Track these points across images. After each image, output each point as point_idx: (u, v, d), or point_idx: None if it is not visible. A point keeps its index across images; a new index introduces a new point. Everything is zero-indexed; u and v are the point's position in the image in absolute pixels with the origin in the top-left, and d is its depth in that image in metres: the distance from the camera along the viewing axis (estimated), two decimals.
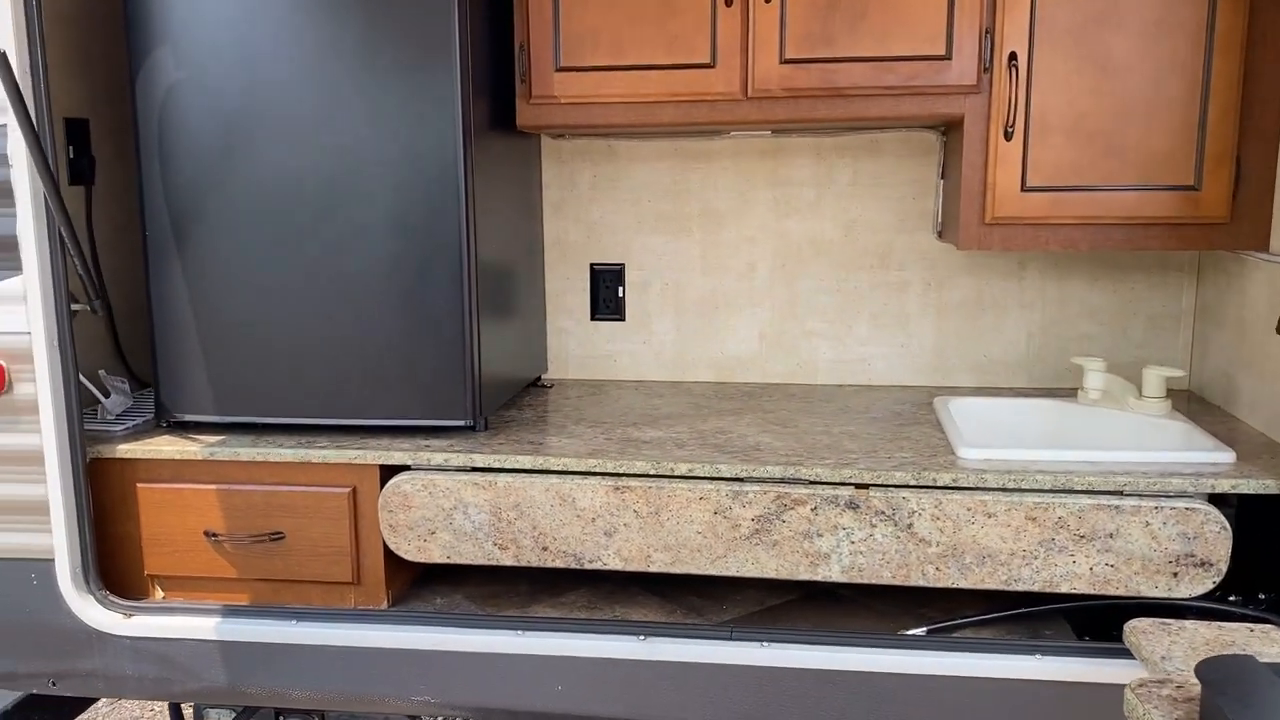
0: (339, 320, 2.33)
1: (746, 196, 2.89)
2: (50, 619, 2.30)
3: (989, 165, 2.36)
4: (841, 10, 2.34)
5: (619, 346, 3.01)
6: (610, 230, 2.96)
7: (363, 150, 2.26)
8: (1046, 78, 2.31)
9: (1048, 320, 2.81)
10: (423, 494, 2.22)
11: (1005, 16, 2.30)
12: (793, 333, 2.93)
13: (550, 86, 2.48)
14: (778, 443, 2.31)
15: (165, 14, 2.27)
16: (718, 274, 2.93)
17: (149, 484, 2.36)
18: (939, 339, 2.87)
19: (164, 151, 2.32)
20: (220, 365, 2.39)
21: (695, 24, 2.40)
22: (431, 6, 2.20)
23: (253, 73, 2.26)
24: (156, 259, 2.37)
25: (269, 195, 2.31)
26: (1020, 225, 2.38)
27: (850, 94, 2.37)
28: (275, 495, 2.31)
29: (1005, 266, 2.81)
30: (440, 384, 2.33)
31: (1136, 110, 2.30)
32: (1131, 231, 2.35)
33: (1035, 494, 2.05)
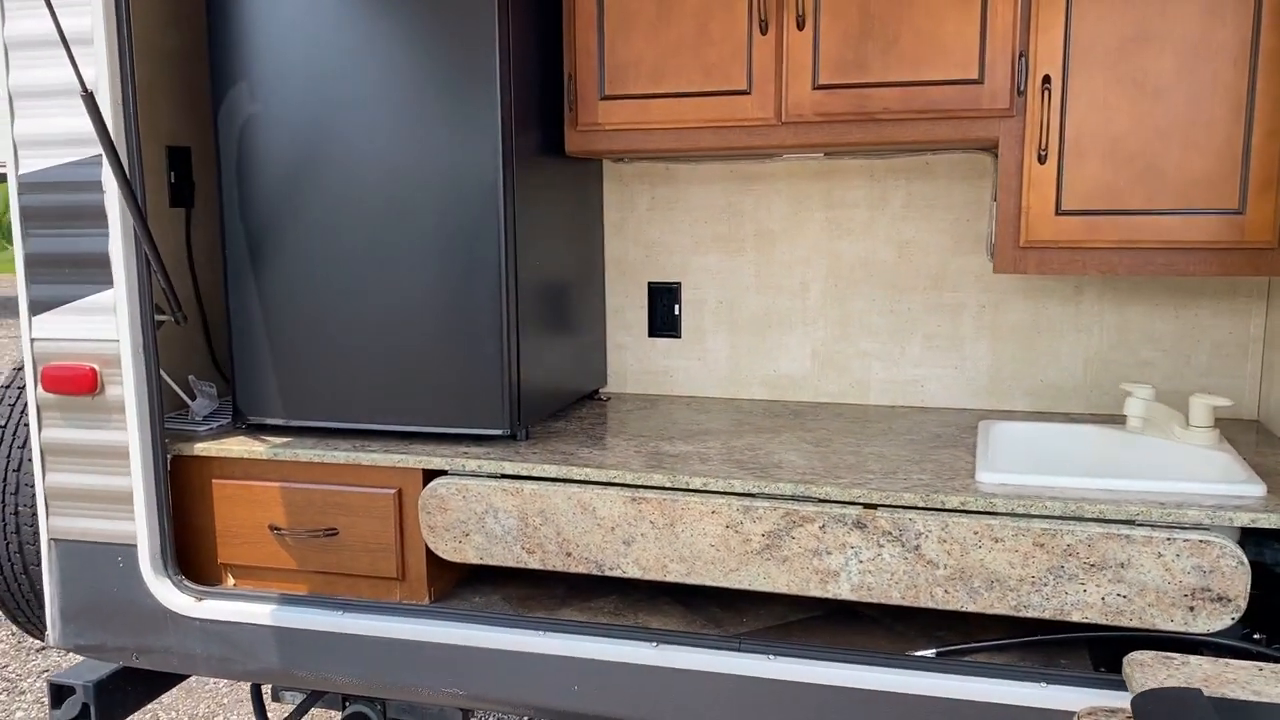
0: (391, 333, 2.51)
1: (800, 217, 2.93)
2: (133, 599, 2.55)
3: (1023, 189, 2.35)
4: (875, 37, 2.38)
5: (675, 363, 3.10)
6: (667, 250, 3.06)
7: (414, 174, 2.43)
8: (1082, 100, 2.29)
9: (1106, 346, 2.75)
10: (457, 498, 2.37)
11: (1039, 39, 2.29)
12: (845, 353, 2.95)
13: (595, 114, 2.60)
14: (801, 461, 2.35)
15: (244, 52, 2.50)
16: (771, 293, 2.99)
17: (223, 480, 2.58)
18: (994, 362, 2.84)
19: (241, 177, 2.55)
20: (288, 373, 2.60)
21: (731, 52, 2.48)
22: (475, 42, 2.35)
23: (319, 105, 2.47)
24: (235, 275, 2.60)
25: (332, 217, 2.50)
26: (1056, 249, 2.36)
27: (883, 119, 2.40)
28: (331, 494, 2.50)
29: (1062, 290, 2.77)
30: (480, 395, 2.48)
31: (1176, 132, 2.25)
32: (1173, 256, 2.29)
33: (1043, 520, 2.03)
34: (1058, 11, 2.27)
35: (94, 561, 2.56)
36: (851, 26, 2.39)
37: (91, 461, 2.52)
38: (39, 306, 2.50)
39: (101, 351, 2.47)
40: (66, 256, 2.46)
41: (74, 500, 2.55)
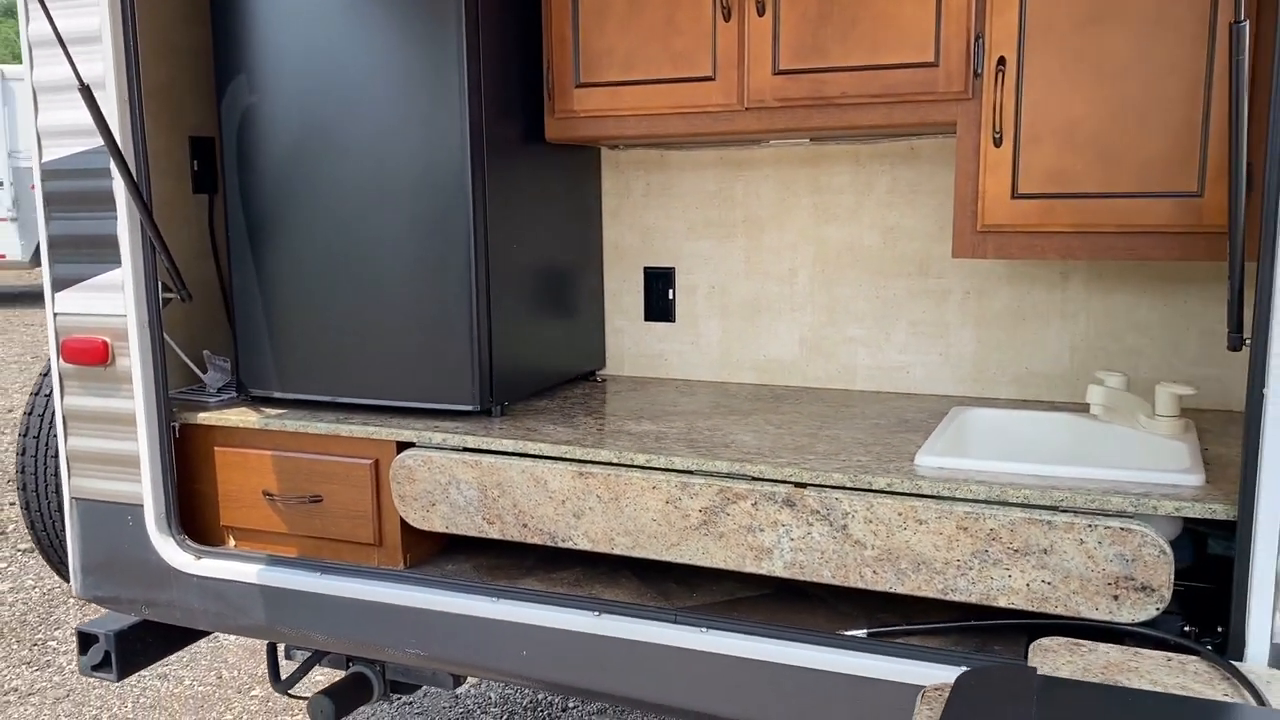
0: (373, 311, 2.64)
1: (788, 203, 2.96)
2: (141, 555, 2.75)
3: (980, 172, 2.33)
4: (833, 21, 2.39)
5: (669, 346, 3.16)
6: (662, 235, 3.12)
7: (395, 161, 2.56)
8: (1038, 82, 2.26)
9: (1092, 333, 2.69)
10: (423, 469, 2.49)
11: (994, 20, 2.27)
12: (832, 338, 2.96)
13: (571, 102, 2.68)
14: (752, 441, 2.39)
15: (243, 46, 2.66)
16: (760, 279, 3.02)
17: (223, 448, 2.76)
18: (978, 349, 2.81)
19: (241, 165, 2.72)
20: (283, 348, 2.76)
21: (697, 40, 2.53)
22: (441, 38, 2.46)
23: (312, 96, 2.61)
24: (237, 256, 2.78)
25: (322, 202, 2.65)
26: (1013, 233, 2.33)
27: (841, 103, 2.42)
28: (316, 463, 2.65)
29: (1047, 277, 2.72)
30: (451, 371, 2.59)
31: (1133, 114, 2.20)
32: (1133, 240, 2.25)
33: (966, 504, 2.03)
34: None
35: (108, 519, 2.78)
36: (810, 11, 2.41)
37: (104, 427, 2.74)
38: (60, 284, 2.73)
39: (112, 325, 2.68)
40: (84, 238, 2.68)
41: (90, 462, 2.77)
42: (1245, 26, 1.59)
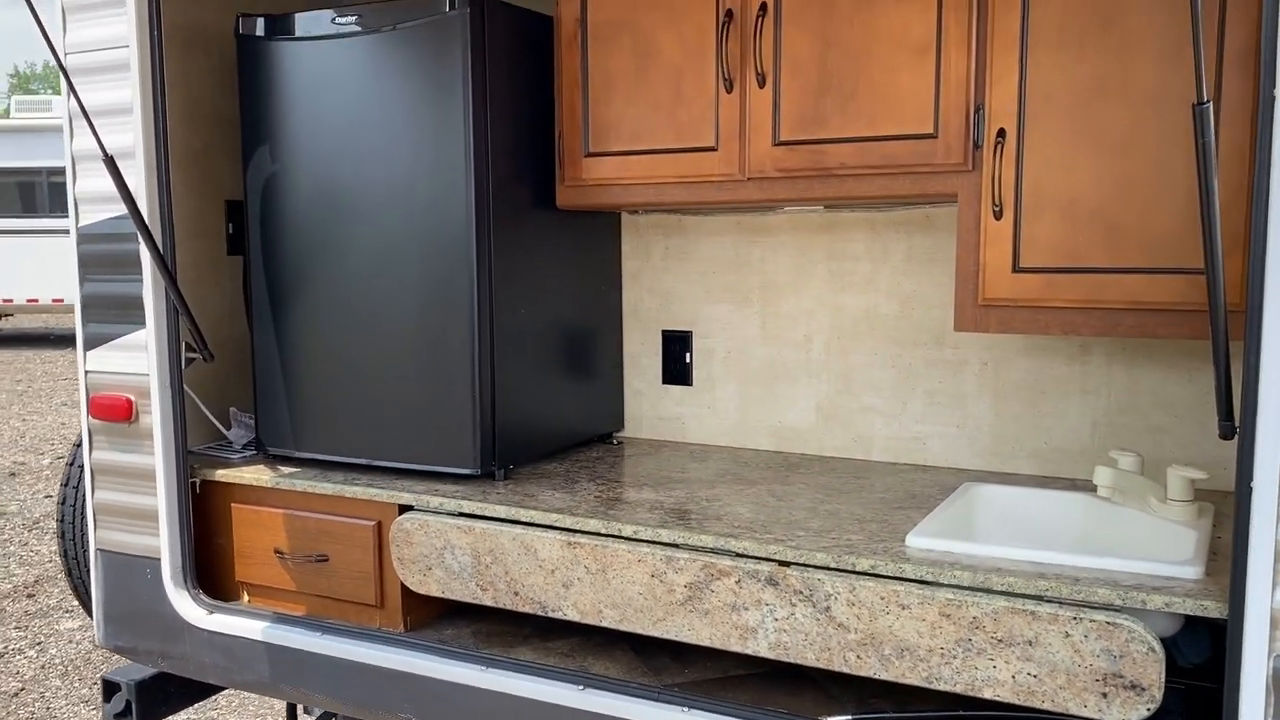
0: (382, 374, 2.69)
1: (804, 270, 2.92)
2: (158, 608, 2.82)
3: (980, 245, 2.27)
4: (833, 92, 2.38)
5: (687, 410, 3.14)
6: (680, 299, 3.11)
7: (403, 226, 2.61)
8: (1039, 154, 2.20)
9: (1115, 409, 2.59)
10: (420, 533, 2.50)
11: (993, 92, 2.22)
12: (848, 407, 2.91)
13: (580, 170, 2.70)
14: (746, 514, 2.35)
15: (267, 116, 2.76)
16: (777, 344, 2.98)
17: (240, 505, 2.83)
18: (997, 422, 2.73)
19: (264, 229, 2.81)
20: (298, 408, 2.82)
21: (701, 111, 2.53)
22: (447, 111, 2.51)
23: (327, 166, 2.69)
24: (259, 317, 2.86)
25: (336, 267, 2.72)
26: (1016, 308, 2.26)
27: (840, 174, 2.39)
28: (323, 523, 2.70)
29: (1067, 349, 2.63)
30: (453, 434, 2.61)
31: (1138, 187, 2.12)
32: (1141, 317, 2.16)
33: (949, 589, 1.96)
34: (1011, 63, 2.20)
35: (129, 571, 2.86)
36: (810, 83, 2.39)
37: (128, 481, 2.82)
38: (91, 342, 2.84)
39: (136, 384, 2.77)
40: (113, 299, 2.79)
41: (114, 515, 2.86)
42: (1209, 108, 1.53)
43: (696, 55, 2.53)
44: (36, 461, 8.54)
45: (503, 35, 2.59)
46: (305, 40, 2.68)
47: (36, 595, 5.79)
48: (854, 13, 2.34)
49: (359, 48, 2.61)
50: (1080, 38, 2.14)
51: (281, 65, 2.72)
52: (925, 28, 2.27)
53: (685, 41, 2.54)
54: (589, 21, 2.65)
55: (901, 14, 2.29)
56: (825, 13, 2.37)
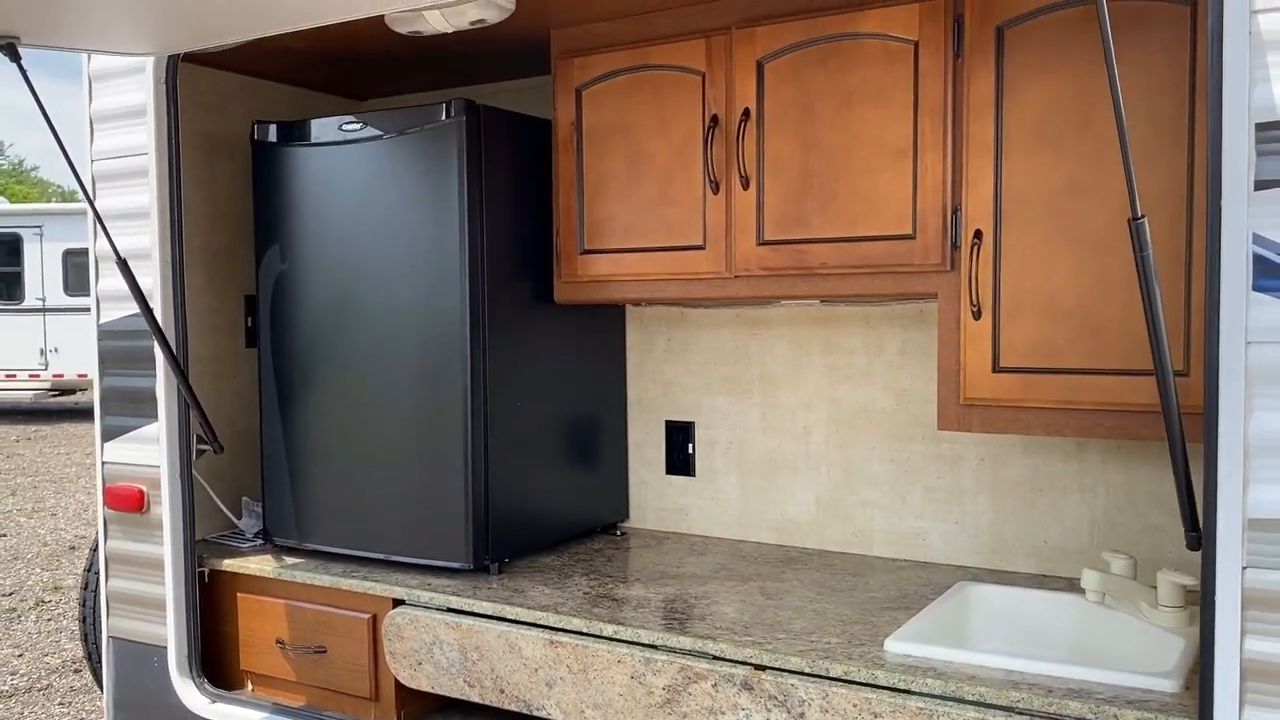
0: (380, 468, 2.74)
1: (801, 363, 2.94)
2: (164, 696, 2.87)
3: (960, 344, 2.27)
4: (814, 194, 2.41)
5: (690, 501, 3.14)
6: (683, 389, 3.14)
7: (402, 324, 2.69)
8: (1016, 255, 2.21)
9: (1112, 508, 2.55)
10: (410, 627, 2.53)
11: (969, 194, 2.24)
12: (848, 500, 2.89)
13: (576, 267, 2.76)
14: (732, 614, 2.34)
15: (279, 222, 2.87)
16: (777, 436, 2.99)
17: (245, 594, 2.88)
18: (995, 519, 2.69)
19: (273, 326, 2.91)
20: (302, 499, 2.88)
21: (689, 211, 2.58)
22: (444, 214, 2.60)
23: (332, 267, 2.79)
24: (267, 410, 2.94)
25: (339, 362, 2.80)
26: (998, 407, 2.25)
27: (822, 273, 2.42)
28: (321, 614, 2.74)
29: (1064, 446, 2.60)
30: (447, 528, 2.65)
31: (1115, 289, 2.12)
32: (1122, 419, 2.14)
33: (920, 698, 1.93)
34: (986, 167, 2.22)
35: (138, 659, 2.92)
36: (792, 185, 2.44)
37: (139, 570, 2.90)
38: (108, 434, 2.94)
39: (149, 475, 2.86)
40: (129, 393, 2.89)
41: (126, 603, 2.93)
42: (1144, 223, 1.54)
43: (685, 158, 2.59)
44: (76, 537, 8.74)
45: (500, 139, 2.68)
46: (315, 146, 2.80)
47: (83, 671, 5.89)
48: (833, 118, 2.39)
49: (365, 153, 2.72)
50: (1056, 142, 2.15)
51: (293, 169, 2.84)
52: (902, 133, 2.31)
53: (674, 145, 2.60)
54: (584, 126, 2.73)
55: (879, 119, 2.33)
56: (805, 118, 2.42)
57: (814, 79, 2.40)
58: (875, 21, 2.33)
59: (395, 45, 2.84)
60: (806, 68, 2.41)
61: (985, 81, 2.21)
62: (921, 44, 2.28)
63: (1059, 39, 2.15)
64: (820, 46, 2.39)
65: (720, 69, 2.52)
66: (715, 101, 2.53)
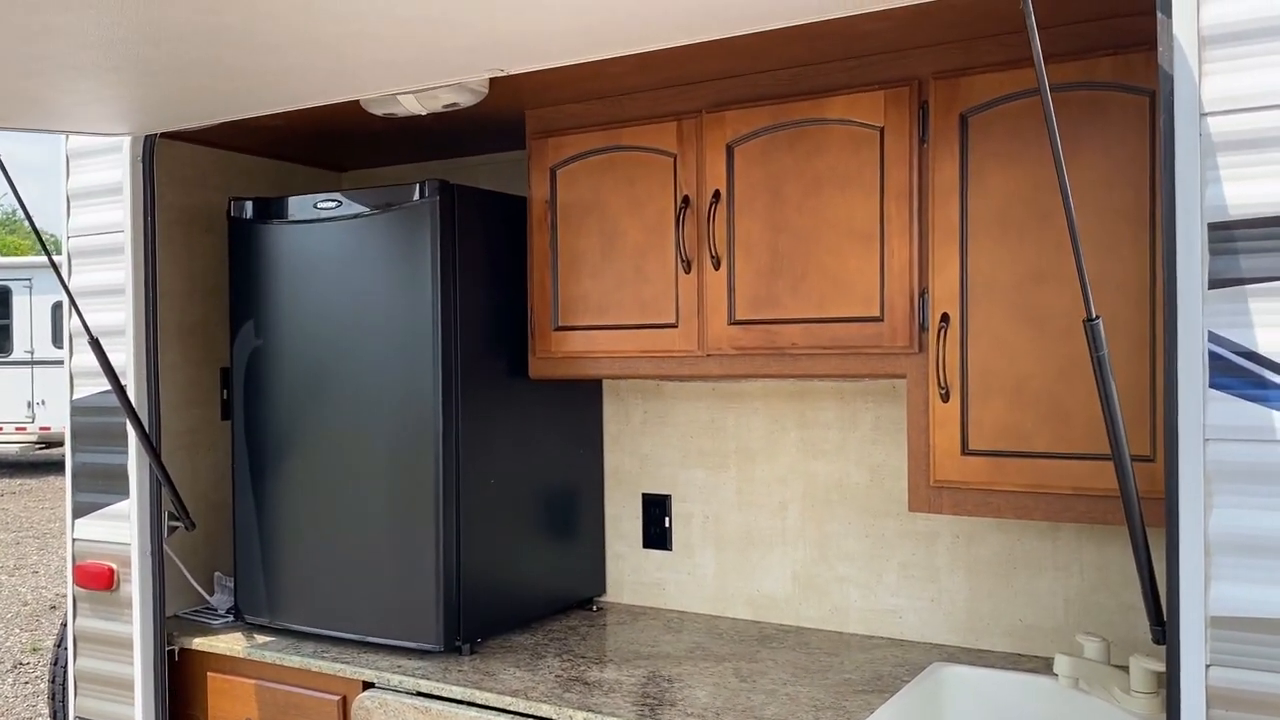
0: (351, 546, 2.72)
1: (776, 437, 2.94)
2: None
3: (930, 426, 2.28)
4: (784, 275, 2.43)
5: (667, 575, 3.12)
6: (659, 463, 3.13)
7: (375, 402, 2.68)
8: (983, 338, 2.22)
9: (1086, 587, 2.54)
10: (380, 711, 2.50)
11: (936, 278, 2.26)
12: (824, 576, 2.88)
13: (550, 343, 2.77)
14: (705, 698, 2.32)
15: (254, 298, 2.88)
16: (752, 510, 2.98)
17: (215, 674, 2.85)
18: (970, 596, 2.68)
19: (246, 402, 2.90)
20: (273, 576, 2.86)
21: (663, 289, 2.60)
22: (416, 284, 2.61)
23: (305, 343, 2.79)
24: (239, 486, 2.93)
25: (310, 439, 2.79)
26: (967, 490, 2.25)
27: (793, 353, 2.42)
28: (291, 695, 2.70)
29: (1038, 526, 2.59)
30: (417, 610, 2.63)
31: (1081, 372, 2.13)
32: (1091, 504, 2.13)
33: None
34: (952, 251, 2.24)
35: None
36: (763, 265, 2.45)
37: (108, 650, 2.86)
38: (79, 511, 2.92)
39: (118, 553, 2.84)
40: (100, 469, 2.88)
41: (94, 683, 2.90)
42: (1099, 323, 1.55)
43: (658, 236, 2.61)
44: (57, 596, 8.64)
45: (474, 217, 2.70)
46: (291, 223, 2.81)
47: None
48: (802, 200, 2.41)
49: (340, 231, 2.74)
50: (1019, 229, 2.18)
51: (268, 245, 2.85)
52: (869, 216, 2.33)
53: (647, 223, 2.62)
54: (558, 204, 2.75)
55: (846, 202, 2.36)
56: (774, 201, 2.44)
57: (783, 162, 2.43)
58: (841, 107, 2.36)
59: (374, 121, 2.87)
60: (775, 151, 2.44)
61: (950, 167, 2.24)
62: (887, 129, 2.30)
63: (1020, 127, 2.18)
64: (788, 131, 2.42)
65: (691, 150, 2.55)
66: (686, 183, 2.56)
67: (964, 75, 2.23)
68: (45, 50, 1.96)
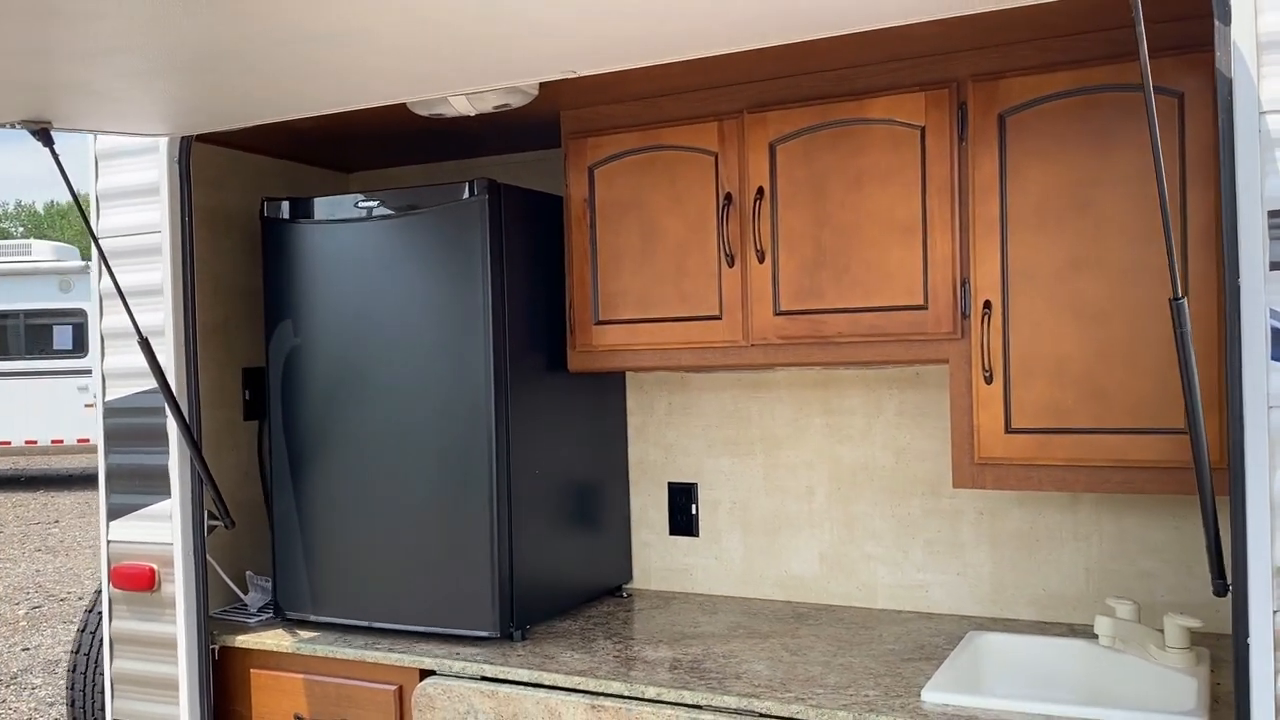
0: (400, 540, 2.77)
1: (801, 424, 3.07)
2: None
3: (973, 407, 2.43)
4: (827, 267, 2.56)
5: (694, 561, 3.23)
6: (684, 452, 3.24)
7: (421, 395, 2.74)
8: (1024, 323, 2.38)
9: (1105, 556, 2.71)
10: (443, 698, 2.55)
11: (977, 269, 2.41)
12: (851, 555, 3.02)
13: (591, 337, 2.86)
14: (765, 671, 2.43)
15: (288, 295, 2.91)
16: (779, 495, 3.10)
17: (259, 670, 2.87)
18: (995, 569, 2.84)
19: (285, 400, 2.93)
20: (317, 573, 2.89)
21: (705, 283, 2.71)
22: (467, 288, 2.68)
23: (347, 340, 2.83)
24: (279, 484, 2.95)
25: (354, 434, 2.83)
26: (1010, 466, 2.40)
27: (838, 341, 2.55)
28: (343, 688, 2.74)
29: (1058, 499, 2.77)
30: (472, 598, 2.69)
31: (1118, 353, 2.30)
32: (1129, 475, 2.30)
33: None
34: (993, 243, 2.39)
35: None
36: (806, 259, 2.58)
37: (149, 650, 2.86)
38: (114, 513, 2.91)
39: (160, 553, 2.84)
40: (137, 470, 2.88)
41: (134, 685, 2.89)
42: (1184, 303, 1.70)
43: (699, 232, 2.72)
44: (12, 612, 8.37)
45: (516, 215, 2.77)
46: (330, 223, 2.85)
47: None
48: (844, 197, 2.54)
49: (382, 230, 2.78)
50: (1058, 220, 2.34)
51: (306, 245, 2.88)
52: (910, 211, 2.47)
53: (689, 221, 2.73)
54: (597, 202, 2.84)
55: (888, 198, 2.49)
56: (817, 197, 2.57)
57: (825, 160, 2.56)
58: (883, 108, 2.49)
59: (390, 121, 2.91)
60: (817, 149, 2.56)
61: (990, 164, 2.39)
62: (928, 129, 2.45)
63: (1057, 126, 2.34)
64: (831, 130, 2.55)
65: (733, 150, 2.66)
66: (729, 180, 2.67)
67: (1002, 78, 2.38)
68: (96, 46, 1.95)
